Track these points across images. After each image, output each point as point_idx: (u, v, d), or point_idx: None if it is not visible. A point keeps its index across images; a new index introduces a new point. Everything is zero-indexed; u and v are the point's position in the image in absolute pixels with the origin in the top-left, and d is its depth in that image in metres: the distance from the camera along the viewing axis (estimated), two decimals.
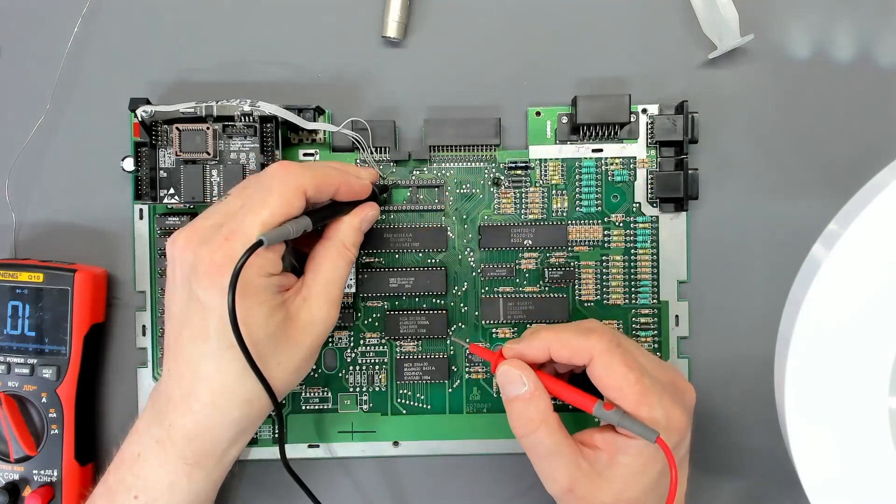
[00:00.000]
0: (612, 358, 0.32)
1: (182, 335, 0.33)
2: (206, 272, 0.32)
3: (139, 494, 0.34)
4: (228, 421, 0.33)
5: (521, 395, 0.33)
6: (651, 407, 0.32)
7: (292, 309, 0.34)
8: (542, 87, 0.42)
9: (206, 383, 0.33)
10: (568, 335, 0.33)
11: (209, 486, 0.35)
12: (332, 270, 0.36)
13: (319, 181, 0.34)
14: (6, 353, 0.39)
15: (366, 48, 0.42)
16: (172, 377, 0.34)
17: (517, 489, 0.42)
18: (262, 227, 0.32)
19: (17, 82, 0.42)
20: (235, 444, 0.35)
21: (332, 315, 0.35)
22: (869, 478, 0.30)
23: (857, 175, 0.30)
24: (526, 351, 0.34)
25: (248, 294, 0.32)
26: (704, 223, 0.42)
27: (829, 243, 0.29)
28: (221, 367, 0.33)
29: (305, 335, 0.34)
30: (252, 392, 0.33)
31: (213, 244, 0.32)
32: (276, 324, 0.33)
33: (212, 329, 0.32)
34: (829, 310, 0.29)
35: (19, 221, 0.42)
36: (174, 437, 0.33)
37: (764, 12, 0.41)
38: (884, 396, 0.30)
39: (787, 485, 0.41)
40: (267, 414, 0.35)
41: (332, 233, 0.36)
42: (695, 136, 0.40)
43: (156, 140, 0.41)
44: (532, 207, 0.42)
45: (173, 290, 0.34)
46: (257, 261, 0.32)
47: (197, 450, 0.34)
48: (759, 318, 0.41)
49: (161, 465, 0.34)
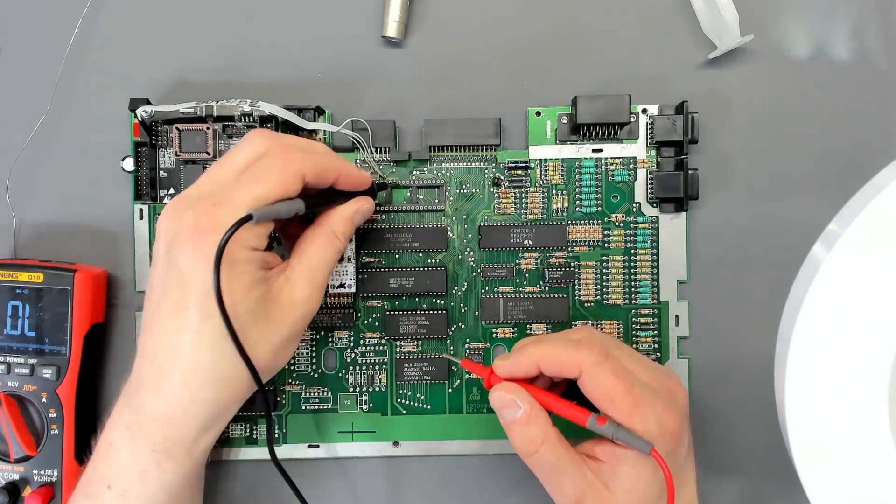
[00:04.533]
0: (601, 370, 0.32)
1: (160, 308, 0.32)
2: (189, 237, 0.31)
3: (112, 484, 0.33)
4: (200, 402, 0.32)
5: (518, 418, 0.33)
6: (644, 417, 0.32)
7: (274, 287, 0.33)
8: (542, 87, 0.42)
9: (179, 360, 0.32)
10: (557, 350, 0.33)
11: (181, 479, 0.34)
12: (318, 255, 0.35)
13: (319, 168, 0.34)
14: (6, 353, 0.39)
15: (366, 48, 0.42)
16: (146, 356, 0.33)
17: (517, 489, 0.42)
18: (253, 203, 0.31)
19: (17, 82, 0.42)
20: (207, 432, 0.33)
21: (315, 299, 0.34)
22: (869, 478, 0.30)
23: (857, 175, 0.30)
24: (516, 369, 0.34)
25: (230, 264, 0.31)
26: (704, 223, 0.42)
27: (829, 243, 0.29)
28: (196, 342, 0.31)
29: (286, 316, 0.33)
30: (226, 371, 0.32)
31: (199, 208, 0.31)
32: (256, 298, 0.32)
33: (190, 299, 0.31)
34: (829, 310, 0.29)
35: (19, 221, 0.42)
36: (143, 420, 0.32)
37: (764, 12, 0.41)
38: (884, 396, 0.30)
39: (787, 485, 0.41)
40: (241, 400, 0.34)
41: (323, 220, 0.36)
42: (695, 136, 0.40)
43: (156, 140, 0.41)
44: (532, 207, 0.42)
45: (155, 265, 0.33)
46: (242, 234, 0.31)
47: (166, 435, 0.32)
48: (759, 318, 0.41)
49: (130, 453, 0.33)
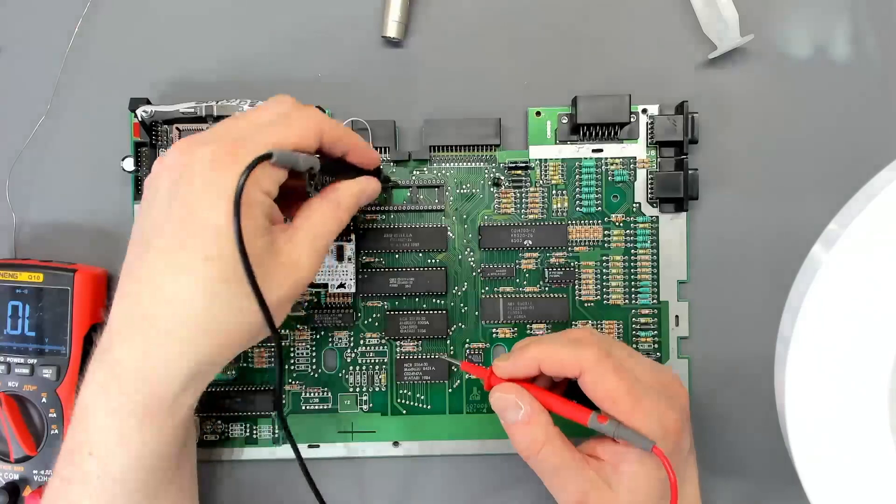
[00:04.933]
0: (602, 369, 0.32)
1: (151, 247, 0.29)
2: (202, 170, 0.29)
3: (93, 451, 0.30)
4: (185, 354, 0.30)
5: (519, 419, 0.33)
6: (645, 415, 0.32)
7: (278, 243, 0.31)
8: (542, 87, 0.42)
9: (167, 304, 0.29)
10: (557, 349, 0.33)
11: (164, 445, 0.31)
12: (321, 224, 0.33)
13: (338, 132, 0.34)
14: (6, 353, 0.39)
15: (366, 48, 0.42)
16: (125, 300, 0.30)
17: (517, 489, 0.42)
18: (274, 145, 0.30)
19: (17, 82, 0.42)
20: (188, 389, 0.31)
21: (314, 265, 0.33)
22: (869, 478, 0.30)
23: (857, 175, 0.30)
24: (516, 369, 0.34)
25: (243, 205, 0.29)
26: (704, 223, 0.42)
27: (829, 243, 0.29)
28: (189, 284, 0.29)
29: (287, 276, 0.31)
30: (218, 322, 0.29)
31: (215, 144, 0.30)
32: (260, 247, 0.30)
33: (190, 235, 0.29)
34: (829, 310, 0.29)
35: (19, 221, 0.42)
36: (120, 375, 0.30)
37: (764, 12, 0.41)
38: (884, 396, 0.30)
39: (787, 485, 0.41)
40: (228, 357, 0.31)
41: (329, 191, 0.35)
42: (695, 136, 0.40)
43: (156, 140, 0.41)
44: (532, 207, 0.42)
45: (150, 203, 0.30)
46: (257, 174, 0.29)
47: (145, 391, 0.30)
48: (759, 318, 0.41)
49: (108, 414, 0.30)
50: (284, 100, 0.34)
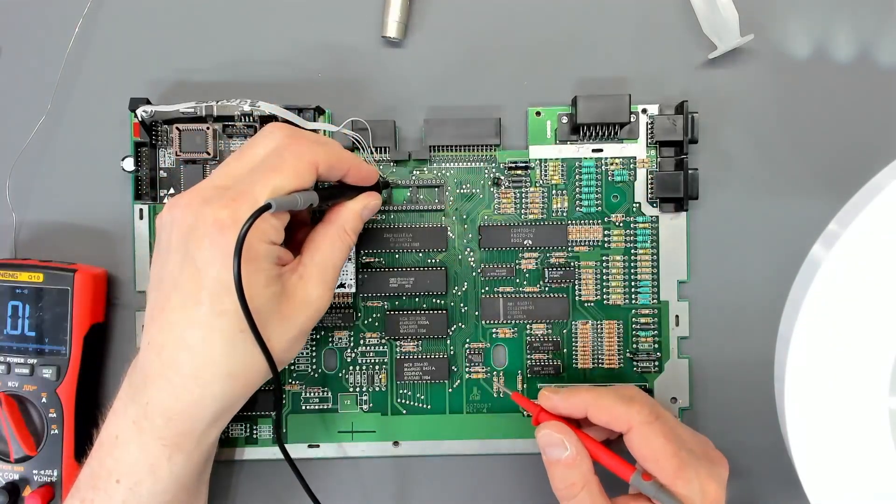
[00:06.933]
0: (651, 429, 0.32)
1: (170, 301, 0.32)
2: (208, 231, 0.31)
3: (121, 479, 0.33)
4: (209, 396, 0.32)
5: (563, 459, 0.33)
6: (688, 482, 0.32)
7: (288, 285, 0.33)
8: (542, 87, 0.42)
9: (190, 354, 0.31)
10: (609, 401, 0.34)
11: (190, 471, 0.34)
12: (329, 253, 0.35)
13: (333, 160, 0.34)
14: (6, 353, 0.39)
15: (366, 48, 0.42)
16: (153, 348, 0.32)
17: (517, 489, 0.42)
18: (272, 193, 0.31)
19: (17, 82, 0.42)
20: (215, 425, 0.34)
21: (326, 297, 0.35)
22: (869, 478, 0.30)
23: (857, 175, 0.30)
24: (564, 405, 0.34)
25: (249, 260, 0.31)
26: (704, 223, 0.42)
27: (829, 243, 0.29)
28: (208, 336, 0.31)
29: (298, 313, 0.33)
30: (236, 367, 0.32)
31: (217, 204, 0.31)
32: (271, 295, 0.32)
33: (205, 292, 0.31)
34: (829, 310, 0.29)
35: (19, 221, 0.42)
36: (151, 415, 0.32)
37: (764, 12, 0.41)
38: (884, 396, 0.30)
39: (787, 485, 0.41)
40: (249, 394, 0.34)
41: (333, 216, 0.36)
42: (695, 136, 0.40)
43: (156, 140, 0.41)
44: (532, 207, 0.42)
45: (165, 255, 0.32)
46: (261, 226, 0.31)
47: (175, 430, 0.32)
48: (759, 318, 0.41)
49: (140, 447, 0.32)
50: (275, 130, 0.34)
